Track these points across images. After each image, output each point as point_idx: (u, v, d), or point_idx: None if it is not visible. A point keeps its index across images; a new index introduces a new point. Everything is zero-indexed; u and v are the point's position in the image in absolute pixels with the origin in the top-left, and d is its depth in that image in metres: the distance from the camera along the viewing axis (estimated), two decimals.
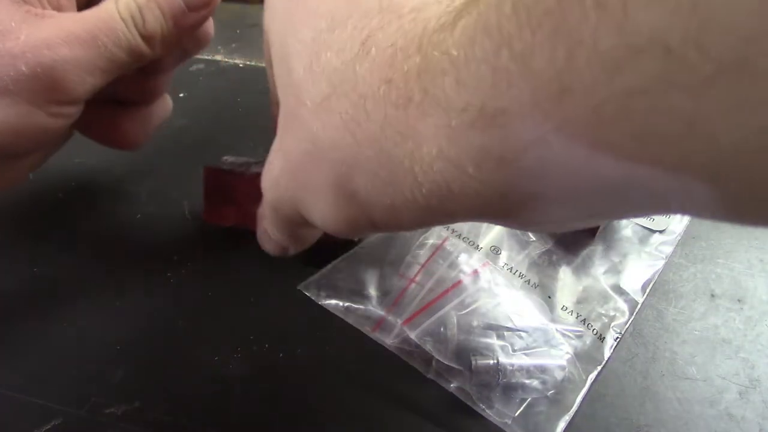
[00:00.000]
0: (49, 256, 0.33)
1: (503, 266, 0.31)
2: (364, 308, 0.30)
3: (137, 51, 0.27)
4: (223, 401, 0.28)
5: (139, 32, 0.27)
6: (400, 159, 0.17)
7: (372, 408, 0.27)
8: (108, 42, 0.26)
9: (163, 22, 0.27)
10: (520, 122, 0.13)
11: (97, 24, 0.26)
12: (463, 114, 0.15)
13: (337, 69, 0.19)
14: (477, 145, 0.15)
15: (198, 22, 0.29)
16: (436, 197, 0.17)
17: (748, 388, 0.28)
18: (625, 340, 0.29)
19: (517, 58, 0.13)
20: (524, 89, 0.13)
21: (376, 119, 0.17)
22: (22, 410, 0.27)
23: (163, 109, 0.34)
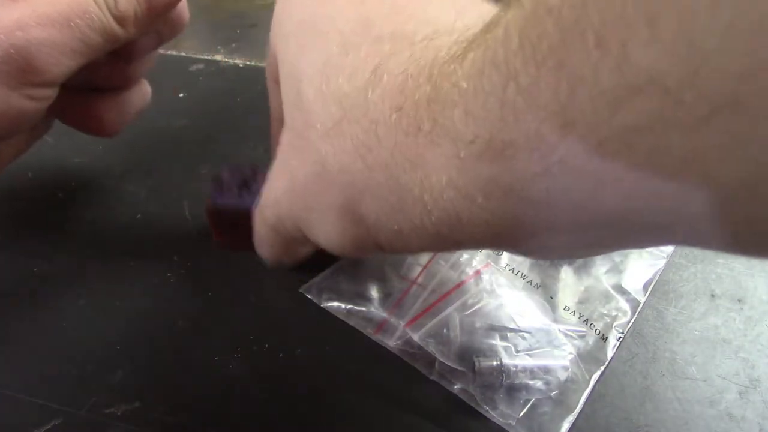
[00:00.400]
0: (49, 255, 0.33)
1: (505, 267, 0.31)
2: (366, 310, 0.30)
3: (111, 33, 0.27)
4: (223, 401, 0.28)
5: (111, 13, 0.26)
6: (410, 186, 0.17)
7: (374, 409, 0.27)
8: (81, 24, 0.25)
9: (135, 3, 0.27)
10: (527, 154, 0.14)
11: (70, 5, 0.25)
12: (472, 145, 0.15)
13: (348, 94, 0.19)
14: (485, 176, 0.15)
15: (171, 3, 0.29)
16: (446, 225, 0.17)
17: (748, 388, 0.28)
18: (625, 340, 0.29)
19: (523, 92, 0.13)
20: (531, 122, 0.13)
21: (386, 146, 0.17)
22: (22, 410, 0.27)
23: (141, 96, 0.34)
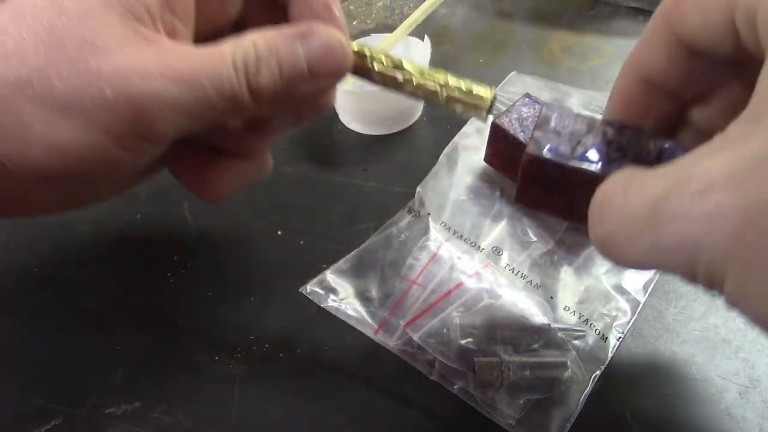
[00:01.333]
0: (50, 255, 0.33)
1: (505, 267, 0.31)
2: (366, 311, 0.30)
3: (239, 103, 0.23)
4: (223, 401, 0.28)
5: (247, 84, 0.23)
6: None
7: (374, 410, 0.27)
8: (209, 86, 0.22)
9: (278, 80, 0.24)
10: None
11: (203, 64, 0.22)
12: None
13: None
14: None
15: (316, 92, 0.25)
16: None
17: (748, 388, 0.28)
18: (625, 340, 0.29)
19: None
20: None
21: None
22: (22, 410, 0.27)
23: (260, 169, 0.30)
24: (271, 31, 0.24)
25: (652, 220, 0.18)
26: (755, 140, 0.17)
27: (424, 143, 0.39)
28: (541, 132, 0.25)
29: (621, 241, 0.19)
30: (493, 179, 0.35)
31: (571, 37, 0.48)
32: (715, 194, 0.16)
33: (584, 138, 0.25)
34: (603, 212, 0.20)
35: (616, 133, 0.25)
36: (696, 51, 0.23)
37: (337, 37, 0.24)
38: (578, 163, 0.24)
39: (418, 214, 0.34)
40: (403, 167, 0.37)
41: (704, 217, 0.16)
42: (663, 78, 0.24)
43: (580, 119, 0.25)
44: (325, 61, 0.24)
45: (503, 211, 0.33)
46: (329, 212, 0.35)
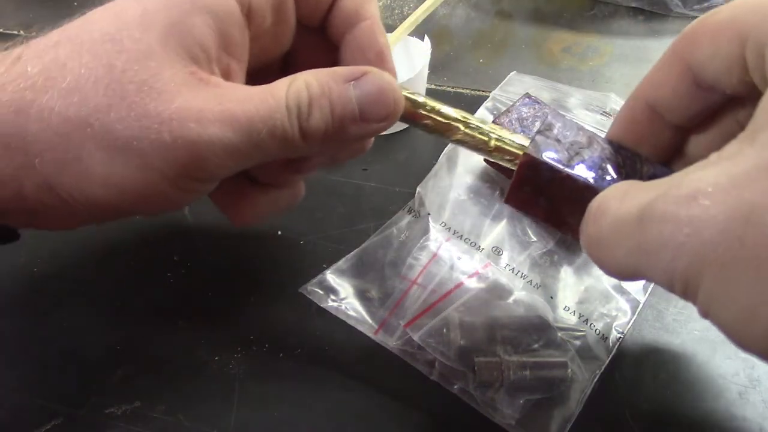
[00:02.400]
0: (49, 256, 0.33)
1: (505, 267, 0.31)
2: (366, 311, 0.30)
3: (291, 144, 0.24)
4: (223, 401, 0.28)
5: (299, 126, 0.24)
6: None
7: (374, 410, 0.27)
8: (263, 129, 0.23)
9: (330, 122, 0.24)
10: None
11: (257, 107, 0.23)
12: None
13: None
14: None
15: (367, 135, 0.25)
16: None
17: (748, 388, 0.28)
18: (625, 340, 0.29)
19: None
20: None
21: None
22: (22, 410, 0.27)
23: (294, 197, 0.31)
24: (325, 72, 0.24)
25: (640, 222, 0.18)
26: (747, 156, 0.17)
27: (424, 143, 0.39)
28: (543, 137, 0.26)
29: (609, 243, 0.20)
30: (493, 179, 0.35)
31: (571, 37, 0.48)
32: (702, 200, 0.17)
33: (583, 150, 0.26)
34: (598, 214, 0.21)
35: (614, 152, 0.26)
36: (702, 83, 0.23)
37: (390, 81, 0.25)
38: (573, 172, 0.25)
39: (418, 214, 0.34)
40: (403, 167, 0.37)
41: (688, 220, 0.17)
42: (667, 107, 0.25)
43: (582, 132, 0.26)
44: (377, 106, 0.24)
45: (503, 211, 0.33)
46: (329, 212, 0.35)
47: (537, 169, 0.25)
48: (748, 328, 0.17)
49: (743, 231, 0.16)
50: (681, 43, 0.23)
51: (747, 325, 0.17)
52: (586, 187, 0.24)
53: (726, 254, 0.16)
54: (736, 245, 0.16)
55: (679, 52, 0.23)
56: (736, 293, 0.16)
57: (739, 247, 0.16)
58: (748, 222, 0.16)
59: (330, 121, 0.24)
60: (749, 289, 0.16)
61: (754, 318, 0.16)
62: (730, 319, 0.17)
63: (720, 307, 0.17)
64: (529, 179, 0.26)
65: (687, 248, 0.17)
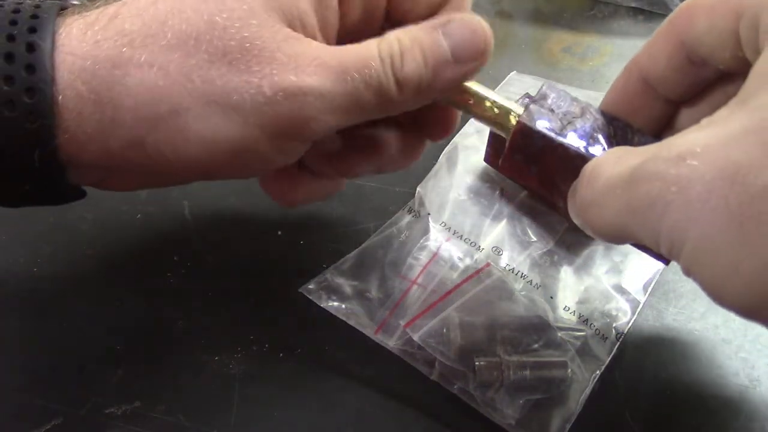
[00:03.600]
0: (49, 256, 0.33)
1: (505, 267, 0.31)
2: (366, 310, 0.30)
3: (387, 95, 0.24)
4: (223, 401, 0.28)
5: (394, 74, 0.24)
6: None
7: (374, 410, 0.27)
8: (358, 78, 0.23)
9: (423, 69, 0.24)
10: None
11: (350, 57, 0.23)
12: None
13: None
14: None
15: (460, 77, 0.25)
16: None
17: (748, 388, 0.28)
18: (625, 340, 0.29)
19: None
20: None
21: None
22: (22, 410, 0.27)
23: (336, 187, 0.32)
24: (411, 26, 0.25)
25: (630, 182, 0.19)
26: (737, 119, 0.18)
27: None
28: (537, 106, 0.26)
29: (601, 204, 0.21)
30: (493, 179, 0.35)
31: (571, 37, 0.48)
32: (690, 160, 0.17)
33: (576, 120, 0.26)
34: (591, 178, 0.21)
35: (606, 123, 0.26)
36: (696, 58, 0.24)
37: (478, 20, 0.25)
38: (565, 141, 0.25)
39: (418, 214, 0.34)
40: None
41: (677, 179, 0.18)
42: (660, 81, 0.26)
43: (576, 103, 0.27)
44: (468, 45, 0.25)
45: (503, 211, 0.33)
46: (329, 212, 0.35)
47: (530, 137, 0.26)
48: (729, 284, 0.17)
49: (729, 190, 0.17)
50: (676, 19, 0.24)
51: (728, 281, 0.17)
52: (578, 156, 0.25)
53: (712, 212, 0.17)
54: (722, 204, 0.17)
55: (674, 27, 0.24)
56: (719, 250, 0.17)
57: (725, 206, 0.16)
58: (733, 182, 0.16)
59: (423, 69, 0.24)
60: (732, 247, 0.17)
61: (735, 274, 0.17)
62: (713, 275, 0.17)
63: (703, 263, 0.18)
64: (521, 147, 0.26)
65: (674, 206, 0.17)
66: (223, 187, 0.36)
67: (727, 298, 0.18)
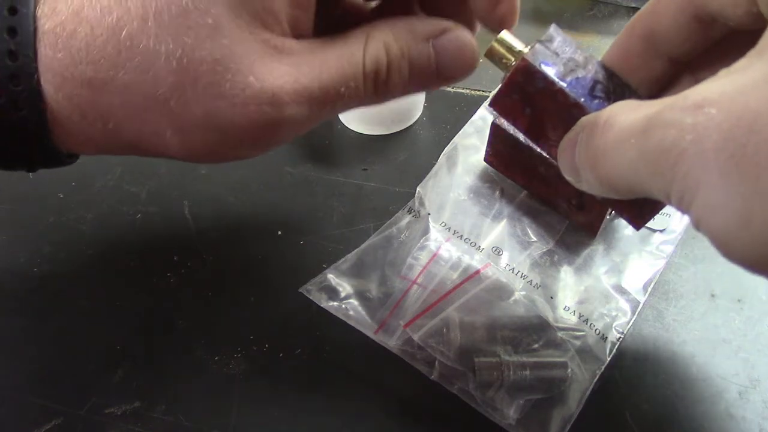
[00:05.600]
0: (49, 256, 0.33)
1: (505, 267, 0.31)
2: (366, 311, 0.30)
3: (363, 101, 0.24)
4: (223, 401, 0.28)
5: (375, 87, 0.24)
6: None
7: (375, 410, 0.27)
8: (338, 101, 0.23)
9: (408, 83, 0.24)
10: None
11: (334, 78, 0.23)
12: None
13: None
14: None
15: (441, 85, 0.25)
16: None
17: (748, 388, 0.28)
18: (625, 340, 0.29)
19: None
20: None
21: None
22: (22, 410, 0.27)
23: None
24: (404, 30, 0.24)
25: (645, 131, 0.18)
26: (756, 69, 0.17)
27: (424, 143, 0.39)
28: (543, 47, 0.26)
29: (614, 153, 0.20)
30: (493, 179, 0.35)
31: (571, 36, 0.48)
32: (708, 108, 0.17)
33: (578, 68, 0.25)
34: (606, 127, 0.21)
35: (607, 77, 0.26)
36: (705, 16, 0.23)
37: (470, 39, 0.25)
38: (566, 87, 0.25)
39: (418, 214, 0.34)
40: (403, 167, 0.37)
41: (692, 127, 0.17)
42: (664, 38, 0.25)
43: (580, 51, 0.26)
44: (455, 64, 0.25)
45: (503, 211, 0.33)
46: (329, 212, 0.35)
47: (531, 76, 0.25)
48: (741, 235, 0.17)
49: (746, 139, 0.16)
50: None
51: (740, 231, 0.16)
52: (575, 105, 0.24)
53: (727, 162, 0.16)
54: (739, 153, 0.16)
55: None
56: (733, 200, 0.16)
57: (741, 155, 0.16)
58: (751, 130, 0.16)
59: (407, 81, 0.24)
60: (746, 197, 0.16)
61: (747, 225, 0.16)
62: (724, 226, 0.17)
63: (715, 214, 0.17)
64: (520, 86, 0.25)
65: (689, 154, 0.17)
66: (223, 187, 0.36)
67: (737, 251, 0.17)
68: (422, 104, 0.40)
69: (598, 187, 0.22)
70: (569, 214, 0.33)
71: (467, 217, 0.33)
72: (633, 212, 0.26)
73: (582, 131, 0.22)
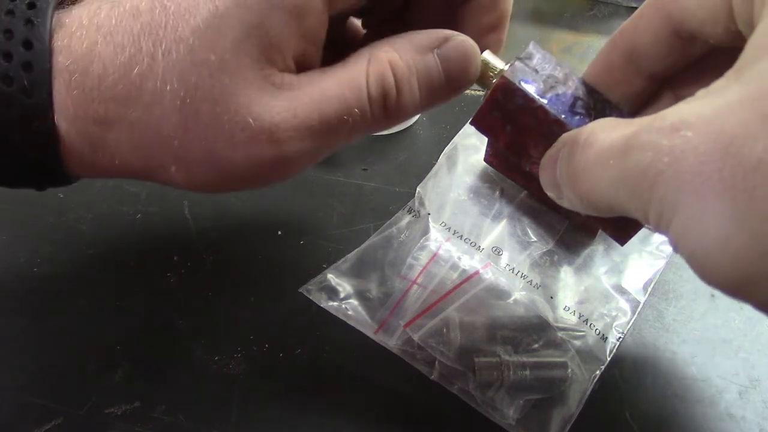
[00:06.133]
0: (49, 256, 0.33)
1: (505, 267, 0.31)
2: (366, 311, 0.30)
3: (374, 127, 0.24)
4: (223, 401, 0.28)
5: (385, 109, 0.23)
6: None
7: (374, 410, 0.27)
8: (343, 130, 0.23)
9: (418, 98, 0.23)
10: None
11: (336, 109, 0.22)
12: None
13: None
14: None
15: (450, 97, 0.25)
16: None
17: (748, 388, 0.28)
18: (625, 340, 0.29)
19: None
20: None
21: None
22: (22, 410, 0.27)
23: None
24: (407, 46, 0.24)
25: (623, 152, 0.19)
26: (733, 90, 0.17)
27: (424, 143, 0.39)
28: (522, 64, 0.26)
29: (593, 172, 0.20)
30: (493, 179, 0.35)
31: (571, 37, 0.48)
32: (684, 131, 0.17)
33: (558, 85, 0.25)
34: (585, 145, 0.21)
35: (587, 93, 0.26)
36: (684, 32, 0.23)
37: (472, 45, 0.24)
38: (546, 104, 0.25)
39: (418, 214, 0.34)
40: (403, 167, 0.37)
41: (669, 149, 0.17)
42: (644, 54, 0.25)
43: (560, 68, 0.26)
44: (462, 71, 0.24)
45: (503, 211, 0.33)
46: (329, 212, 0.35)
47: (511, 94, 0.25)
48: (717, 258, 0.16)
49: (722, 162, 0.16)
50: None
51: (717, 254, 0.16)
52: (555, 122, 0.24)
53: (704, 185, 0.16)
54: (715, 176, 0.16)
55: (662, 0, 0.23)
56: (710, 224, 0.16)
57: (717, 179, 0.16)
58: (727, 153, 0.16)
59: (418, 97, 0.23)
60: (723, 220, 0.16)
61: (724, 248, 0.16)
62: (701, 249, 0.17)
63: (692, 237, 0.17)
64: (500, 103, 0.25)
65: (665, 177, 0.17)
66: None
67: (714, 275, 0.17)
68: None
69: (578, 205, 0.22)
70: (569, 214, 0.33)
71: (467, 217, 0.33)
72: (617, 229, 0.26)
73: (563, 147, 0.23)
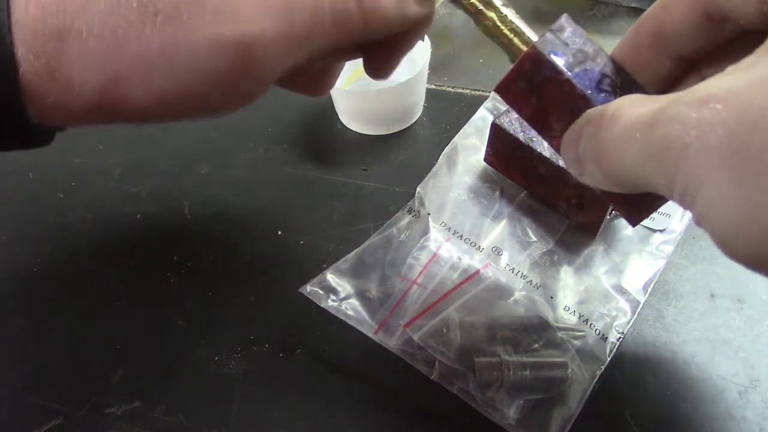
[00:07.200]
0: (49, 256, 0.33)
1: (505, 267, 0.31)
2: (366, 311, 0.30)
3: (348, 26, 0.23)
4: (223, 401, 0.28)
5: (359, 3, 0.22)
6: None
7: (374, 410, 0.27)
8: (308, 13, 0.22)
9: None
10: None
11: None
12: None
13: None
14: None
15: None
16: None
17: (748, 388, 0.28)
18: (625, 340, 0.29)
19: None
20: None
21: None
22: (22, 410, 0.27)
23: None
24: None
25: (650, 126, 0.18)
26: (762, 66, 0.17)
27: (424, 143, 0.39)
28: (553, 36, 0.25)
29: (619, 147, 0.20)
30: (493, 179, 0.35)
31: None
32: (713, 104, 0.17)
33: (587, 60, 0.25)
34: (612, 120, 0.20)
35: (615, 71, 0.25)
36: (716, 14, 0.23)
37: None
38: (573, 78, 0.24)
39: (418, 214, 0.34)
40: (403, 167, 0.37)
41: (697, 122, 0.17)
42: (673, 35, 0.24)
43: (590, 43, 0.26)
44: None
45: (503, 211, 0.33)
46: (329, 212, 0.35)
47: (540, 65, 0.25)
48: (743, 232, 0.16)
49: (750, 136, 0.16)
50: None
51: (742, 229, 0.16)
52: (581, 96, 0.24)
53: (731, 158, 0.16)
54: (743, 149, 0.16)
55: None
56: (736, 198, 0.16)
57: (745, 152, 0.16)
58: (755, 128, 0.16)
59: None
60: (750, 195, 0.16)
61: (750, 223, 0.16)
62: (726, 223, 0.17)
63: (717, 211, 0.17)
64: (527, 74, 0.25)
65: (692, 150, 0.17)
66: (222, 187, 0.36)
67: (739, 249, 0.17)
68: (422, 104, 0.40)
69: (602, 181, 0.22)
70: (569, 214, 0.33)
71: (467, 217, 0.33)
72: (631, 208, 0.26)
73: (587, 124, 0.22)
